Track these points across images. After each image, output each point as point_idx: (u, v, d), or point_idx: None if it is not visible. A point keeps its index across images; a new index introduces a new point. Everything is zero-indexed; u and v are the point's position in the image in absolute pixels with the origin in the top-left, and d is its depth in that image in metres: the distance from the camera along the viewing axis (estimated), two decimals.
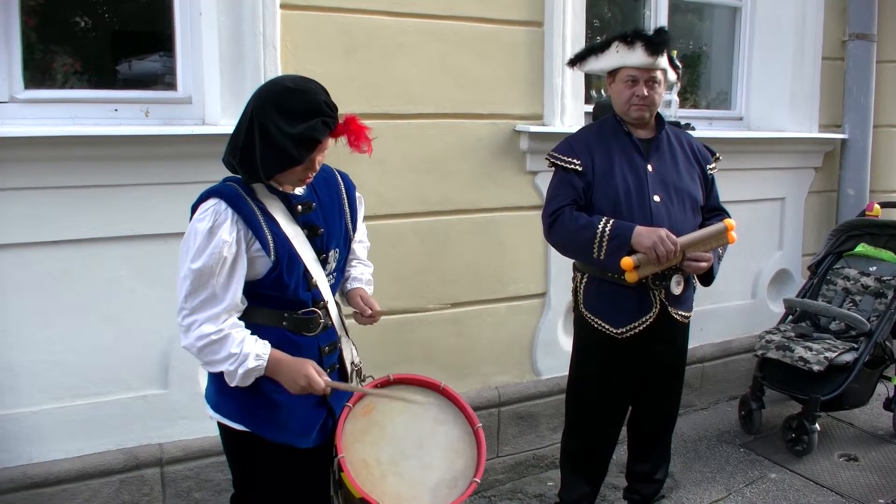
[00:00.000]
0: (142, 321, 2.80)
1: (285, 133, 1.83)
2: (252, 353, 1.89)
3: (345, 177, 2.23)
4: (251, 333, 1.94)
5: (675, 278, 2.74)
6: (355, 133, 1.97)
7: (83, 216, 2.70)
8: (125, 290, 2.79)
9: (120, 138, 2.69)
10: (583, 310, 2.85)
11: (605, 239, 2.61)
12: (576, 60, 2.85)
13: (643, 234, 2.59)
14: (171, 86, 3.00)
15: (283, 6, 2.92)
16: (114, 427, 2.82)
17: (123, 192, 2.74)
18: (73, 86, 3.06)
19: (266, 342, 1.94)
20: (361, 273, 2.36)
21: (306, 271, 2.02)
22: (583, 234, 2.66)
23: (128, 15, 3.41)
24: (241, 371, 1.88)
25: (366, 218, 3.12)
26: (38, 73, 2.96)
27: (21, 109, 2.70)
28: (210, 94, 2.88)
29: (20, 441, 2.69)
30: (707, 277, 2.86)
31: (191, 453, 2.92)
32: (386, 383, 2.19)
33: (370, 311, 2.23)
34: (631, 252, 2.60)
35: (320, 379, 1.94)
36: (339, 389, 2.08)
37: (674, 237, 2.59)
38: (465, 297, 3.49)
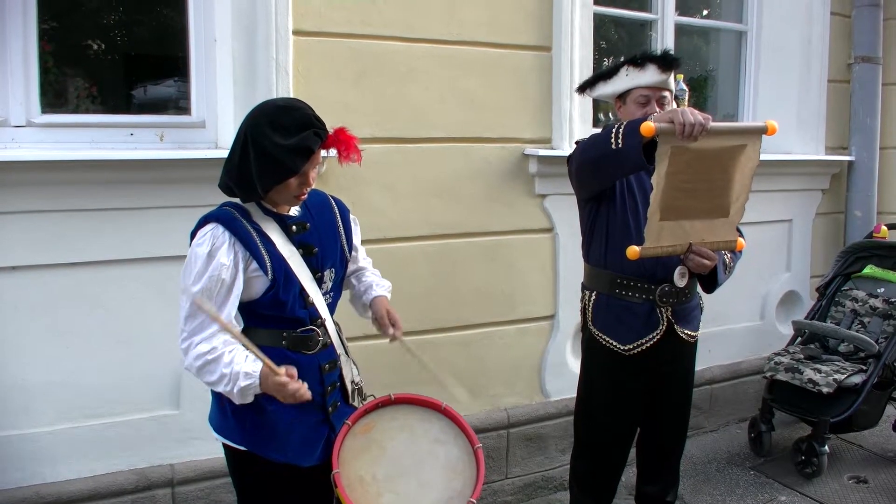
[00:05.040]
0: (155, 342, 2.82)
1: (280, 146, 1.88)
2: (241, 371, 1.90)
3: (338, 201, 2.28)
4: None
5: (678, 269, 2.69)
6: (344, 143, 2.03)
7: (99, 238, 2.74)
8: (138, 312, 2.82)
9: (135, 162, 2.73)
10: (591, 327, 2.86)
11: (620, 130, 2.42)
12: (584, 87, 2.88)
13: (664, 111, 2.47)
14: (185, 110, 3.05)
15: (295, 32, 2.97)
16: (126, 447, 2.84)
17: (138, 215, 2.78)
18: (89, 110, 3.11)
19: (256, 360, 1.95)
20: (379, 283, 2.40)
21: (302, 289, 2.05)
22: (600, 136, 2.56)
23: (143, 40, 3.47)
24: (236, 390, 1.90)
25: (375, 241, 3.17)
26: (54, 97, 3.00)
27: (38, 133, 2.74)
28: (223, 118, 2.93)
29: (33, 461, 2.71)
30: (711, 283, 2.81)
31: (202, 474, 2.93)
32: (387, 402, 2.20)
33: (392, 332, 2.28)
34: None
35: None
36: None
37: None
38: (474, 319, 3.51)
